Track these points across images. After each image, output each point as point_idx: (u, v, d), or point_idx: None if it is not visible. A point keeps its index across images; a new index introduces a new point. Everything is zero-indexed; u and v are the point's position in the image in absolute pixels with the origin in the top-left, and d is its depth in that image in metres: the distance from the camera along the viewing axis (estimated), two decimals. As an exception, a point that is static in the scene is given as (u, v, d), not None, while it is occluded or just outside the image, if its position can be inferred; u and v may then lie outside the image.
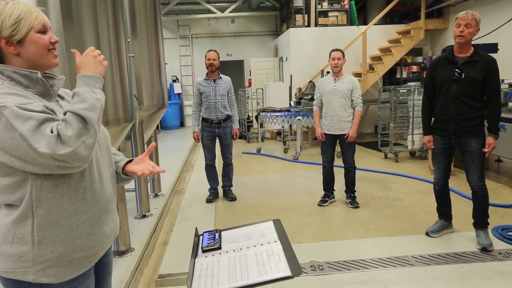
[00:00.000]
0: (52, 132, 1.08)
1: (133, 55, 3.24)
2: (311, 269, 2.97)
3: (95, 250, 1.32)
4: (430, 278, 2.81)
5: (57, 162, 1.10)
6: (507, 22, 6.46)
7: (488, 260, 3.02)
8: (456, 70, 3.16)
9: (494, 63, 3.12)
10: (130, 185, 4.27)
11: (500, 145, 3.53)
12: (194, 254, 1.46)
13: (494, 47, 5.47)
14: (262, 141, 9.02)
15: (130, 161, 1.51)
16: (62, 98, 1.39)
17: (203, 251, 1.47)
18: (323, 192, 4.52)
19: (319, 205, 4.43)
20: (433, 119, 3.42)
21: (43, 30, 1.25)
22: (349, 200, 4.38)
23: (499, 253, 3.12)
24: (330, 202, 4.48)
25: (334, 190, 4.53)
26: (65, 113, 1.14)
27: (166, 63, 5.72)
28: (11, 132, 1.08)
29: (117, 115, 2.80)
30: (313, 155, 7.07)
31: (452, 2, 8.09)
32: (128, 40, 3.06)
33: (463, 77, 3.13)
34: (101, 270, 1.47)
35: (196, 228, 1.67)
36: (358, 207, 4.31)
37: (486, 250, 3.15)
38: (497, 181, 5.09)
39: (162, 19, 11.81)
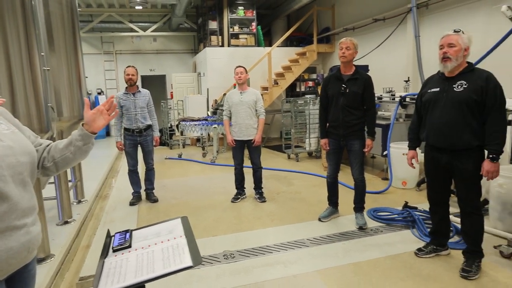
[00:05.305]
0: None
1: (48, 68, 2.95)
2: (224, 258, 2.97)
3: None
4: (321, 255, 3.00)
5: None
6: (374, 49, 7.28)
7: (363, 236, 3.33)
8: (343, 85, 3.39)
9: (369, 79, 3.43)
10: (51, 193, 3.87)
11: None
12: (104, 255, 1.38)
13: (365, 68, 6.08)
14: (183, 147, 8.85)
15: (83, 124, 1.44)
16: None
17: (114, 251, 1.40)
18: (235, 190, 4.57)
19: (232, 201, 4.47)
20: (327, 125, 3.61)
21: None
22: (258, 196, 4.49)
23: (371, 230, 3.46)
24: (241, 199, 4.54)
25: (245, 188, 4.60)
26: None
27: (87, 77, 5.32)
28: None
29: (31, 126, 2.52)
30: (228, 158, 7.06)
31: (336, 31, 8.85)
32: (43, 54, 2.78)
33: (347, 91, 3.37)
34: (19, 285, 1.29)
35: (108, 230, 1.57)
36: (265, 201, 4.43)
37: (362, 228, 3.47)
38: (371, 173, 5.64)
39: (86, 35, 10.98)
